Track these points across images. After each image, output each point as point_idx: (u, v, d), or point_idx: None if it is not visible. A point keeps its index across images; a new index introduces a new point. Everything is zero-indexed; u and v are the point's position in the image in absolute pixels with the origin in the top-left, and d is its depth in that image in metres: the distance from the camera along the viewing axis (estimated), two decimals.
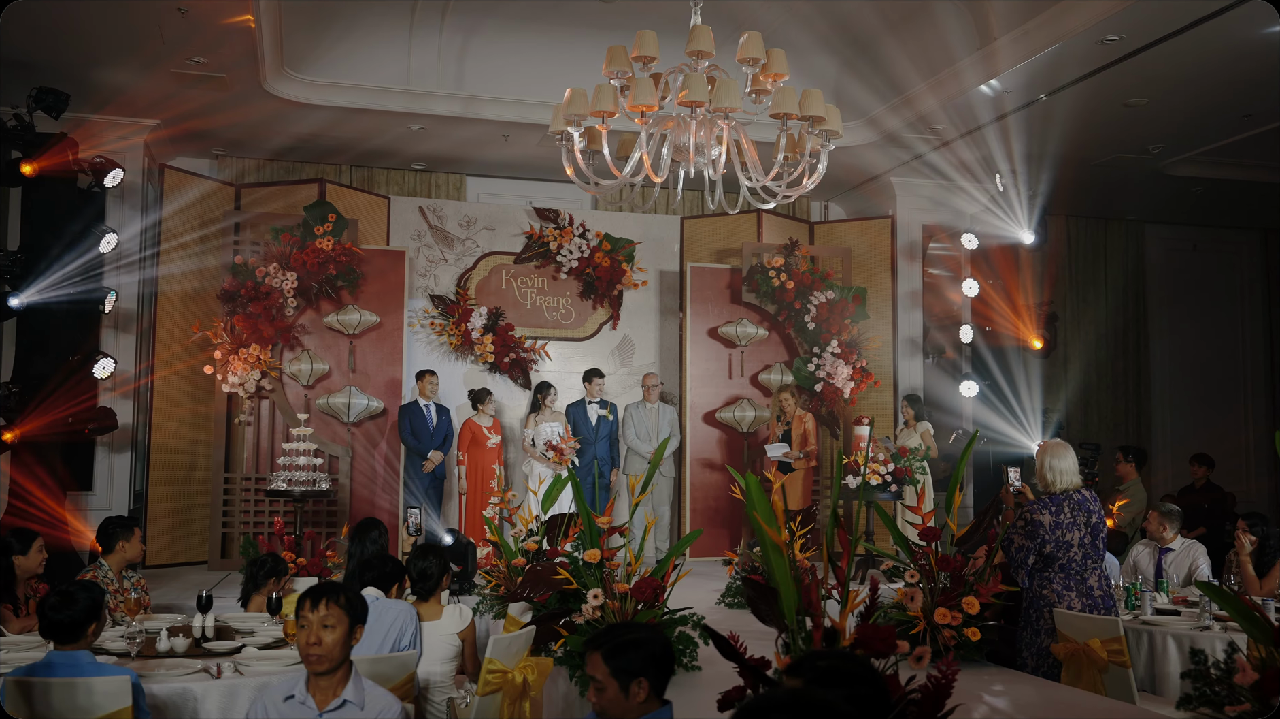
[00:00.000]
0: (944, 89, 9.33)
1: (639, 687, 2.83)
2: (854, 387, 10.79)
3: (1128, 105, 9.24)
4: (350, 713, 3.13)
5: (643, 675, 2.83)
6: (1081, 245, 13.03)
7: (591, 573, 5.20)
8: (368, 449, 10.19)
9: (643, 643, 2.87)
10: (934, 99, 9.50)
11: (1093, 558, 5.52)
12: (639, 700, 2.83)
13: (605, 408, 10.39)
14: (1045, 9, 7.76)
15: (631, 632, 2.93)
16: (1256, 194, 12.08)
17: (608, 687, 2.84)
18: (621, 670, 2.82)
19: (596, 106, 6.31)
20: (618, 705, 2.84)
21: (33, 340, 8.96)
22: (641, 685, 2.83)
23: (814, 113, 6.39)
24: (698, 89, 6.19)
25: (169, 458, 9.84)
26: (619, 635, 2.90)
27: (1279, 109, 9.26)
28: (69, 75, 8.58)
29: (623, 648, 2.85)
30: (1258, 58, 8.08)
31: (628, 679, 2.82)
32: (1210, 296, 13.86)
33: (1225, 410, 13.78)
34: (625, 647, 2.85)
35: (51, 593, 3.72)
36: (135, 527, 5.95)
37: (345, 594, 3.21)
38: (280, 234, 9.97)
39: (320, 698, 3.16)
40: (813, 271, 10.95)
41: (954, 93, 9.24)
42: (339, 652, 3.17)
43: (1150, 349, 13.48)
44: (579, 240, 11.21)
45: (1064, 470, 5.50)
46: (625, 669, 2.82)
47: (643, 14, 9.03)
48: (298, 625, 3.20)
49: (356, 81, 9.48)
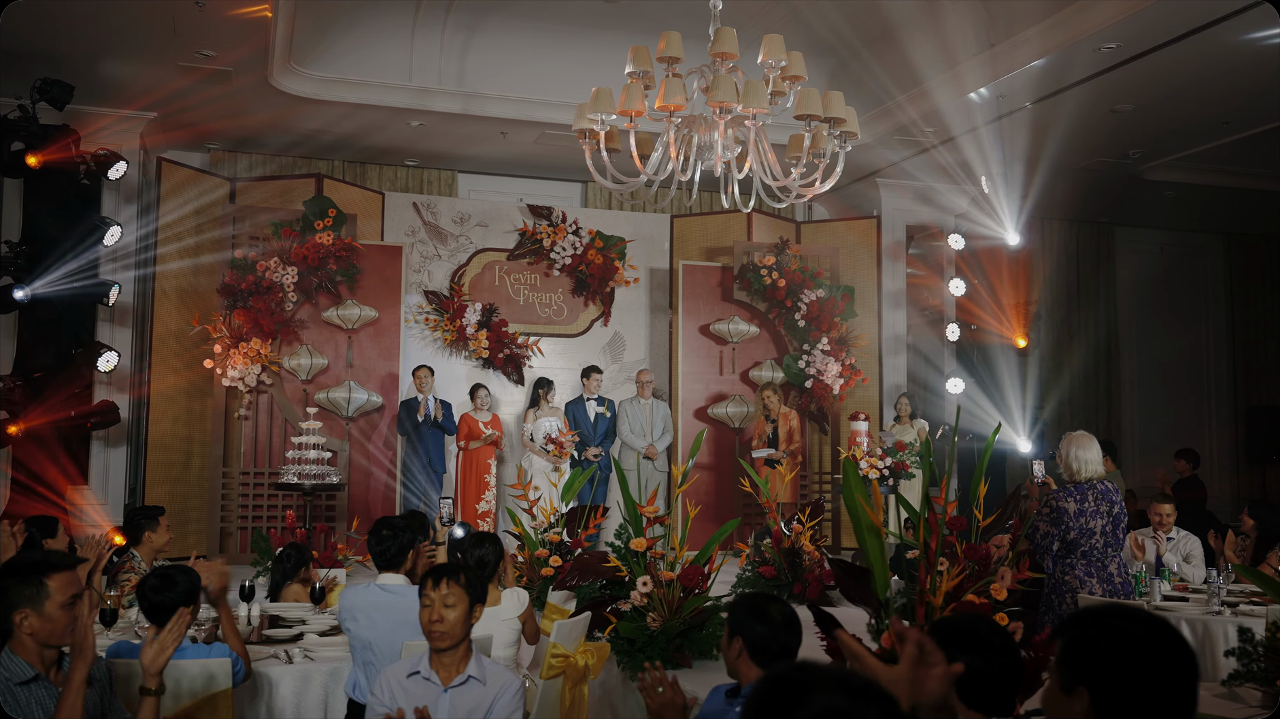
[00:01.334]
0: (937, 94, 9.55)
1: (737, 649, 3.02)
2: (843, 383, 11.01)
3: (1114, 111, 9.53)
4: (474, 688, 3.24)
5: (740, 636, 3.01)
6: (1056, 246, 13.38)
7: (637, 561, 5.34)
8: (366, 443, 10.22)
9: (759, 617, 3.05)
10: (926, 104, 9.73)
11: (1113, 546, 5.74)
12: (739, 663, 3.02)
13: (603, 405, 10.52)
14: (1048, 16, 8.00)
15: (755, 599, 3.08)
16: (1221, 198, 12.49)
17: (732, 645, 3.03)
18: (734, 629, 3.01)
19: (626, 105, 6.43)
20: (729, 661, 3.05)
21: (34, 333, 8.89)
22: (737, 643, 3.02)
23: (836, 114, 6.59)
24: (726, 90, 6.33)
25: (165, 452, 9.80)
26: (745, 600, 3.07)
27: (1258, 117, 9.61)
28: (69, 67, 8.53)
29: (741, 611, 3.03)
30: (1243, 67, 8.39)
31: (730, 637, 3.01)
32: (1176, 297, 14.28)
33: (1190, 407, 14.22)
34: (743, 612, 3.04)
35: (151, 575, 3.78)
36: (160, 515, 5.96)
37: (465, 574, 3.31)
38: (280, 229, 9.96)
39: (444, 674, 3.26)
40: (803, 270, 11.14)
41: (948, 97, 9.48)
42: (461, 629, 3.27)
43: (1120, 348, 13.86)
44: (572, 238, 11.31)
45: (1088, 460, 5.71)
46: (737, 627, 3.01)
47: (645, 14, 9.19)
48: (422, 605, 3.29)
49: (360, 77, 9.52)
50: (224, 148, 11.03)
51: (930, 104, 9.77)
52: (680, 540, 5.38)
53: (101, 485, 9.59)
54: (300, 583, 6.00)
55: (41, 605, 2.92)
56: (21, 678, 2.88)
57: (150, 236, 9.80)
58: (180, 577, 3.73)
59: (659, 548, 5.40)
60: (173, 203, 9.86)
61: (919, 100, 9.82)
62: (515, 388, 11.16)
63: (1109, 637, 1.85)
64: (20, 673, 2.89)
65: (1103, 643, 1.86)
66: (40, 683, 2.92)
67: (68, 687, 2.83)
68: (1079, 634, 1.88)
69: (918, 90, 9.75)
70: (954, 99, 9.49)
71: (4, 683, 2.85)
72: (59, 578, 2.94)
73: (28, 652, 2.92)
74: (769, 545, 7.78)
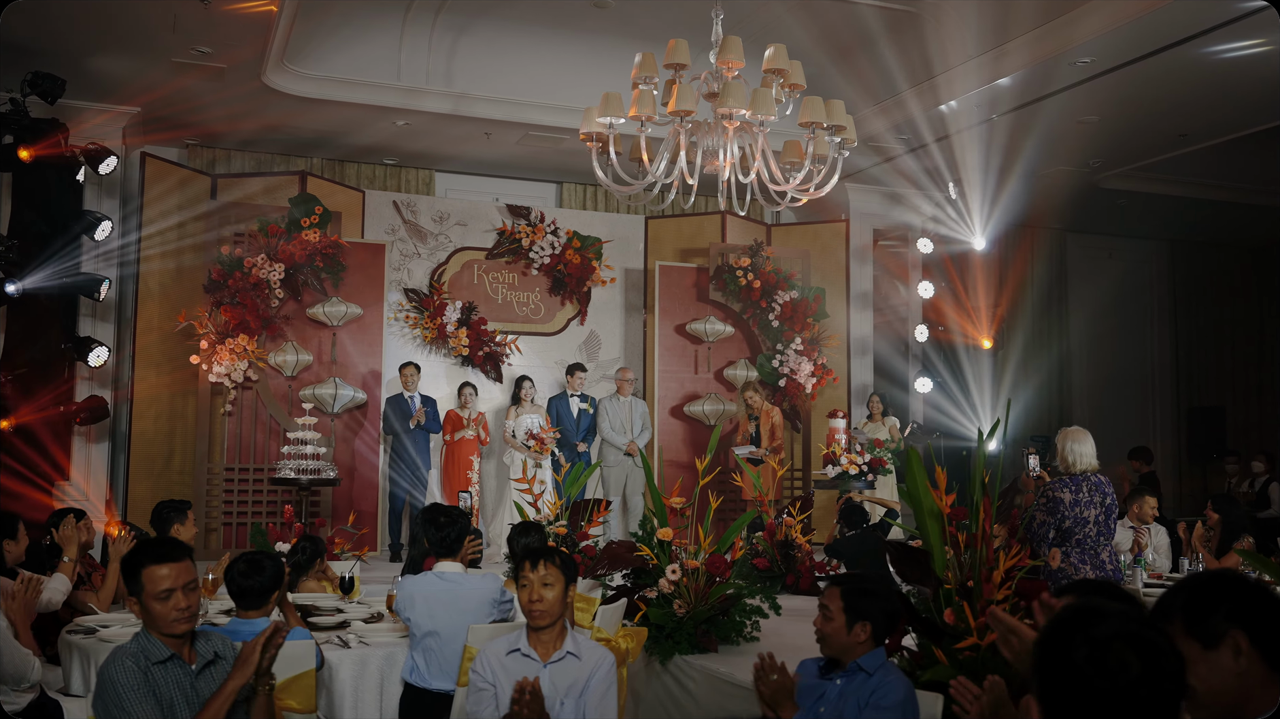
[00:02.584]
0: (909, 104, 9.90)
1: (863, 629, 3.20)
2: (815, 382, 11.31)
3: (1080, 122, 9.94)
4: (571, 663, 3.42)
5: (869, 620, 3.20)
6: (1016, 252, 13.84)
7: (662, 550, 5.55)
8: (351, 439, 10.29)
9: (880, 595, 3.26)
10: (899, 113, 10.08)
11: (1105, 535, 6.07)
12: (859, 640, 3.20)
13: (586, 401, 10.71)
14: (1028, 31, 8.35)
15: (869, 583, 3.29)
16: (1168, 207, 13.04)
17: (835, 619, 3.22)
18: (853, 609, 3.20)
19: (639, 110, 6.63)
20: (838, 637, 3.23)
21: (21, 328, 8.83)
22: (865, 629, 3.20)
23: (838, 122, 6.86)
24: (737, 97, 6.57)
25: (147, 447, 9.77)
26: (860, 583, 3.28)
27: (1214, 130, 10.10)
28: (58, 61, 8.50)
29: (862, 593, 3.23)
30: (1205, 81, 8.84)
31: (855, 618, 3.20)
32: (1122, 301, 14.83)
33: (1136, 409, 14.79)
34: (864, 593, 3.23)
35: (239, 560, 3.89)
36: (188, 509, 6.04)
37: (559, 555, 3.49)
38: (267, 225, 9.99)
39: (542, 651, 3.44)
40: (777, 272, 11.43)
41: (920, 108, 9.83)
42: (558, 608, 3.45)
43: (1071, 350, 14.37)
44: (550, 237, 11.48)
45: (1083, 454, 6.03)
46: (856, 609, 3.20)
47: (633, 19, 9.40)
48: (518, 585, 3.46)
49: (348, 76, 9.59)
50: (201, 143, 11.01)
51: (902, 113, 10.11)
52: (705, 531, 5.59)
53: (83, 481, 9.54)
54: (315, 576, 6.11)
55: (141, 595, 3.04)
56: (158, 658, 3.00)
57: (133, 231, 9.77)
58: (267, 562, 3.86)
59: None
60: (156, 197, 9.83)
61: (891, 109, 10.15)
62: (493, 385, 11.30)
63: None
64: (157, 653, 3.01)
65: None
66: (175, 662, 3.04)
67: (220, 692, 2.96)
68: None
69: (891, 100, 10.08)
70: (927, 109, 9.83)
71: (143, 661, 2.97)
72: (149, 571, 3.03)
73: (161, 634, 3.04)
74: (761, 538, 8.03)
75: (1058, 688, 1.60)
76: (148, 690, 2.93)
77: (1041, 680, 1.63)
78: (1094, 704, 1.56)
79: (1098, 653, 1.56)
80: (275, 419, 10.05)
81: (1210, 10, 7.44)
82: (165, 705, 2.95)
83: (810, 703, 3.19)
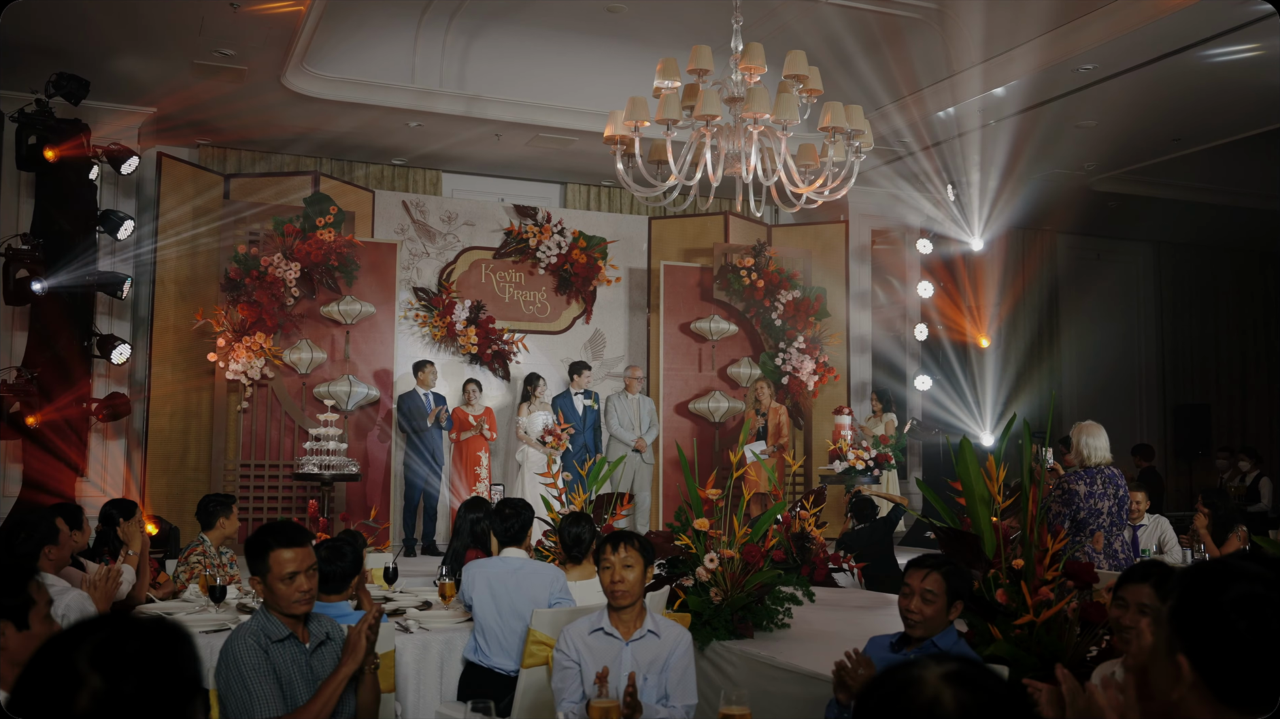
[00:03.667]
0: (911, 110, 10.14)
1: (957, 609, 3.44)
2: (817, 379, 11.55)
3: (1078, 126, 10.22)
4: (651, 641, 3.61)
5: (962, 599, 3.44)
6: (1011, 252, 14.12)
7: (700, 539, 5.75)
8: (364, 435, 10.43)
9: (966, 576, 3.49)
10: (900, 118, 10.31)
11: (1118, 525, 6.34)
12: (951, 619, 3.43)
13: (590, 398, 10.90)
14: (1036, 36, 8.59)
15: (955, 564, 3.52)
16: (1155, 209, 13.35)
17: (938, 601, 3.45)
18: (954, 591, 3.43)
19: (664, 114, 6.83)
20: (939, 618, 3.46)
21: (43, 326, 8.93)
22: (958, 608, 3.44)
23: (857, 127, 7.09)
24: (761, 102, 6.78)
25: (163, 444, 9.88)
26: (953, 564, 3.51)
27: (1207, 134, 10.39)
28: (79, 62, 8.62)
29: (958, 574, 3.47)
30: (1201, 86, 9.11)
31: (954, 598, 3.43)
32: (1111, 302, 15.16)
33: (1123, 406, 15.10)
34: (960, 574, 3.48)
35: (320, 545, 4.05)
36: (233, 503, 6.20)
37: (639, 539, 3.68)
38: (283, 225, 10.13)
39: (624, 629, 3.63)
40: (780, 272, 11.65)
41: (922, 113, 10.07)
42: (638, 588, 3.64)
43: (1061, 348, 14.68)
44: (557, 237, 11.66)
45: (1097, 447, 6.30)
46: (956, 590, 3.43)
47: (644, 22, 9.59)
48: (600, 568, 3.65)
49: (364, 78, 9.74)
50: (214, 144, 11.12)
51: (903, 118, 10.34)
52: (740, 521, 5.79)
53: (100, 477, 9.65)
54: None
55: (266, 577, 3.21)
56: (277, 636, 3.17)
57: (150, 230, 9.87)
58: (347, 548, 4.03)
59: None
60: (173, 198, 9.94)
61: (892, 115, 10.39)
62: (500, 383, 11.48)
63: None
64: (276, 632, 3.18)
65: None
66: (291, 641, 3.21)
67: (334, 678, 3.13)
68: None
69: (893, 104, 10.32)
70: (928, 114, 10.08)
71: (264, 639, 3.14)
72: (275, 554, 3.20)
73: (281, 613, 3.21)
74: (776, 531, 8.23)
75: (1207, 636, 1.68)
76: (268, 669, 3.10)
77: (1189, 630, 1.73)
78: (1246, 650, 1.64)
79: (1243, 601, 1.64)
80: (290, 416, 10.18)
81: (1214, 18, 7.68)
82: (284, 683, 3.13)
83: None
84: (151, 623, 1.55)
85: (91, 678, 1.44)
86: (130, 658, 1.47)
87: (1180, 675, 1.75)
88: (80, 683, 1.44)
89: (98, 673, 1.45)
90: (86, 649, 1.47)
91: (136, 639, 1.50)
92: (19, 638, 2.58)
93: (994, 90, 9.23)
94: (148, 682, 1.47)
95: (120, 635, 1.49)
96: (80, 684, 1.44)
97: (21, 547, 4.19)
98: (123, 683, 1.45)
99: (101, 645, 1.48)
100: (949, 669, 1.48)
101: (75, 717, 1.43)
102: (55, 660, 1.48)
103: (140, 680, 1.46)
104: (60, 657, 1.48)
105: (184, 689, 1.51)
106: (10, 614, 2.59)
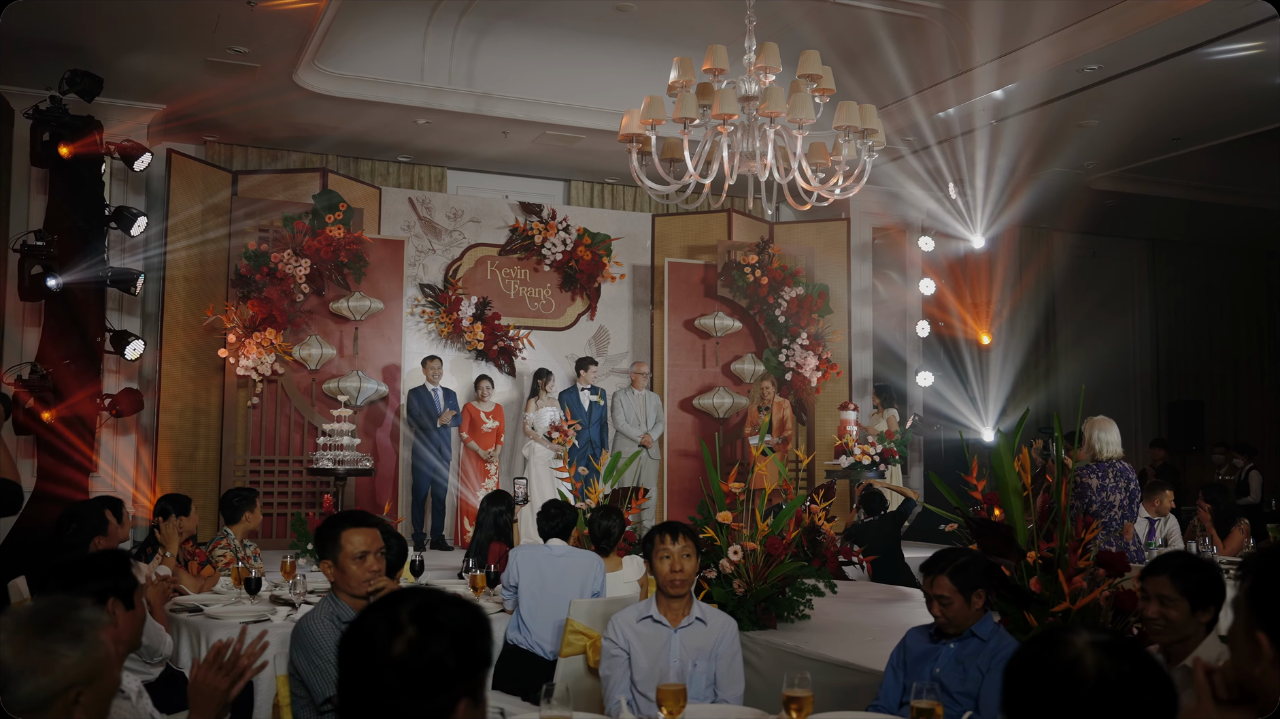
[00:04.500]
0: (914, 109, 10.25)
1: (978, 597, 3.49)
2: (820, 376, 11.66)
3: (1080, 125, 10.34)
4: (699, 629, 3.71)
5: (979, 586, 3.49)
6: (1009, 250, 14.26)
7: (723, 532, 5.85)
8: (373, 430, 10.50)
9: (969, 558, 3.53)
10: (903, 117, 10.42)
11: (1129, 518, 6.45)
12: (978, 607, 3.49)
13: (596, 394, 10.98)
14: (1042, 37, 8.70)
15: (960, 555, 3.56)
16: (1150, 207, 13.50)
17: (954, 600, 3.48)
18: (964, 585, 3.48)
19: (681, 113, 6.92)
20: (962, 614, 3.49)
21: (56, 322, 8.97)
22: (980, 595, 3.49)
23: (871, 126, 7.19)
24: (777, 101, 6.88)
25: (174, 440, 9.93)
26: (951, 559, 3.54)
27: (1207, 133, 10.52)
28: (90, 59, 8.66)
29: (962, 568, 3.49)
30: (1203, 87, 9.23)
31: (968, 591, 3.48)
32: (1106, 298, 15.31)
33: (1118, 402, 15.25)
34: (961, 567, 3.49)
35: None
36: (255, 497, 6.26)
37: (692, 529, 3.78)
38: (293, 221, 10.18)
39: (673, 617, 3.72)
40: (783, 268, 11.76)
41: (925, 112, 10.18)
42: (694, 577, 3.75)
43: (1057, 345, 14.82)
44: (562, 234, 11.74)
45: (1109, 442, 6.41)
46: (966, 584, 3.48)
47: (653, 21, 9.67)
48: (658, 558, 3.73)
49: (374, 75, 9.80)
50: (221, 140, 11.16)
51: (907, 118, 10.44)
52: (761, 514, 5.89)
53: (110, 473, 9.69)
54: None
55: (338, 557, 3.30)
56: (346, 618, 3.26)
57: (159, 227, 9.91)
58: (393, 541, 4.11)
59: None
60: (183, 195, 9.99)
61: (896, 114, 10.49)
62: (506, 379, 11.55)
63: None
64: (345, 614, 3.27)
65: None
66: None
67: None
68: None
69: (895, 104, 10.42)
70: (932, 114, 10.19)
71: (337, 621, 3.23)
72: (347, 534, 3.30)
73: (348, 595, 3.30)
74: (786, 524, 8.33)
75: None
76: None
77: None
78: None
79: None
80: (299, 412, 10.24)
81: (1219, 19, 7.80)
82: None
83: (925, 667, 3.48)
84: (460, 600, 1.77)
85: (409, 629, 1.68)
86: (441, 623, 1.71)
87: (1261, 652, 1.87)
88: (400, 631, 1.68)
89: (415, 626, 1.69)
90: (408, 607, 1.71)
91: (449, 608, 1.74)
92: (126, 617, 2.74)
93: (998, 90, 9.33)
94: (453, 646, 1.70)
95: (434, 604, 1.73)
96: (400, 632, 1.68)
97: (72, 537, 4.26)
98: (433, 642, 1.69)
99: (420, 609, 1.71)
100: (1099, 638, 1.59)
101: (390, 658, 1.67)
102: (384, 612, 1.72)
103: (448, 644, 1.69)
104: (388, 610, 1.72)
105: (478, 660, 1.73)
106: (122, 595, 2.73)
